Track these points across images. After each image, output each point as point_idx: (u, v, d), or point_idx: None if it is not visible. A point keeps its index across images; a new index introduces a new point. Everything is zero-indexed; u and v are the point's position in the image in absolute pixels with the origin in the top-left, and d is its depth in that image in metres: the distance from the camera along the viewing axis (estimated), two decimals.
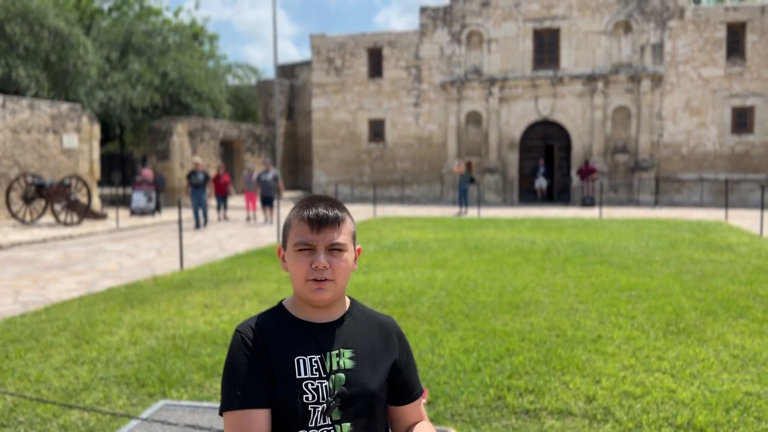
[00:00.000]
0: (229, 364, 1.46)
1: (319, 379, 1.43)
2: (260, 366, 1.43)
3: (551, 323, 6.07)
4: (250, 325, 1.49)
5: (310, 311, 1.50)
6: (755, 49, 22.90)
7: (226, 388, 1.45)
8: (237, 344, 1.46)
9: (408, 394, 1.58)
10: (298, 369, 1.43)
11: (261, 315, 1.53)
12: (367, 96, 26.73)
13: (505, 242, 12.15)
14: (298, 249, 1.45)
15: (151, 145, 23.47)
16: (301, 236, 1.45)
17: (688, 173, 23.81)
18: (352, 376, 1.46)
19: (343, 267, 1.46)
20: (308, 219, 1.45)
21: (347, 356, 1.47)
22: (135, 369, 4.86)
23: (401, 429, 1.59)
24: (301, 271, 1.44)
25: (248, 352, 1.44)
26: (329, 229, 1.45)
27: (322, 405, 1.42)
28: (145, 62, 25.68)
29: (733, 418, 3.92)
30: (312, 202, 1.49)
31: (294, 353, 1.44)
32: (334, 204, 1.50)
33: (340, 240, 1.46)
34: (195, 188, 15.85)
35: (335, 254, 1.46)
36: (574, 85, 24.36)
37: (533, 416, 3.98)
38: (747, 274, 8.63)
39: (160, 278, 8.74)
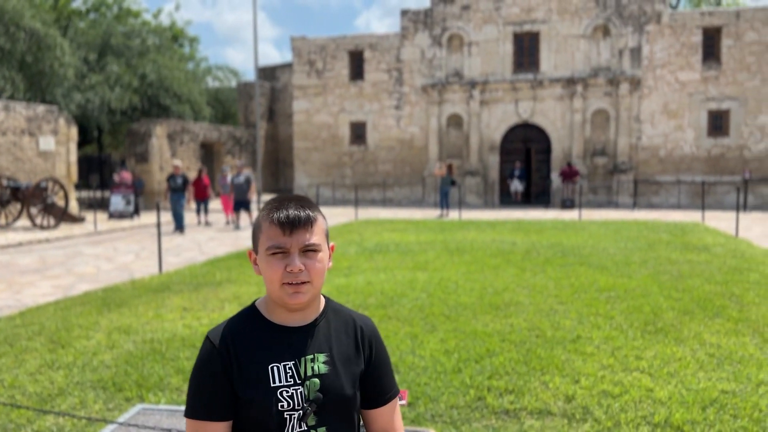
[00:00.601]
0: (196, 371, 1.44)
1: (294, 385, 1.41)
2: (225, 377, 1.41)
3: (531, 324, 6.10)
4: (222, 331, 1.46)
5: (284, 314, 1.47)
6: (730, 53, 23.28)
7: (189, 394, 1.45)
8: (206, 352, 1.44)
9: (381, 397, 1.54)
10: (272, 377, 1.41)
11: (233, 319, 1.50)
12: (348, 98, 26.72)
13: (486, 244, 12.20)
14: (271, 253, 1.42)
15: (130, 147, 23.23)
16: (273, 240, 1.41)
17: (665, 175, 24.12)
18: (327, 380, 1.44)
19: (319, 268, 1.43)
20: (279, 222, 1.41)
21: (321, 361, 1.45)
22: (112, 373, 4.80)
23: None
24: (275, 276, 1.41)
25: (215, 362, 1.42)
26: (302, 230, 1.41)
27: (297, 412, 1.41)
28: (123, 64, 25.42)
29: (710, 416, 3.97)
30: (281, 203, 1.45)
31: (268, 360, 1.42)
32: (304, 204, 1.46)
33: (313, 241, 1.43)
34: (173, 192, 15.53)
35: (310, 255, 1.43)
36: (554, 89, 24.57)
37: (513, 416, 3.99)
38: (723, 274, 8.76)
39: (139, 282, 8.64)
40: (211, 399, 1.40)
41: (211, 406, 1.40)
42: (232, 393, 1.41)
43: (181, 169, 16.04)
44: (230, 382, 1.41)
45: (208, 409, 1.40)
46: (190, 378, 1.45)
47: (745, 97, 23.25)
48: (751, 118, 23.29)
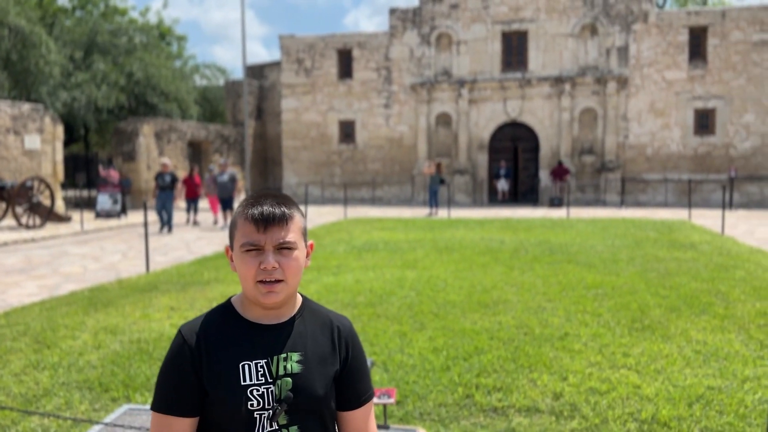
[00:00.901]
0: (165, 364, 1.42)
1: (265, 384, 1.39)
2: (192, 374, 1.39)
3: (519, 321, 6.11)
4: (194, 327, 1.44)
5: (258, 312, 1.45)
6: (716, 52, 23.46)
7: (157, 387, 1.42)
8: (176, 346, 1.42)
9: (357, 399, 1.51)
10: (243, 375, 1.38)
11: (207, 315, 1.47)
12: (337, 97, 26.67)
13: (474, 242, 12.22)
14: (245, 250, 1.39)
15: (117, 146, 23.06)
16: (247, 236, 1.39)
17: (652, 174, 24.27)
18: (300, 380, 1.41)
19: (294, 266, 1.40)
20: (254, 218, 1.39)
21: (295, 360, 1.42)
22: (98, 373, 4.76)
23: None
24: (249, 273, 1.39)
25: (184, 357, 1.40)
26: (277, 227, 1.39)
27: (267, 411, 1.38)
28: (110, 62, 25.22)
29: (696, 411, 4.00)
30: (258, 199, 1.43)
31: (239, 358, 1.40)
32: (281, 200, 1.44)
33: (288, 239, 1.40)
34: (162, 190, 15.28)
35: (285, 253, 1.40)
36: (542, 87, 24.65)
37: (501, 414, 4.00)
38: (709, 271, 8.83)
39: (126, 281, 8.58)
40: (177, 394, 1.38)
41: (177, 401, 1.38)
42: (199, 389, 1.39)
43: (169, 167, 15.78)
44: (198, 379, 1.39)
45: (174, 404, 1.38)
46: (159, 371, 1.43)
47: (730, 96, 23.45)
48: (736, 117, 23.49)
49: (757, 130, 23.39)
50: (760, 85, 23.18)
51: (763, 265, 9.39)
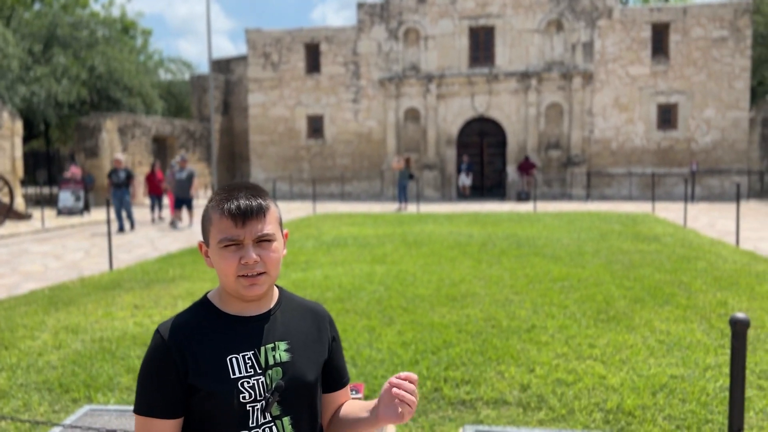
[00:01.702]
0: (145, 366, 1.38)
1: (255, 375, 1.37)
2: (174, 374, 1.35)
3: (487, 314, 6.14)
4: (173, 325, 1.39)
5: (239, 305, 1.42)
6: (678, 48, 23.93)
7: (138, 390, 1.39)
8: (155, 347, 1.38)
9: (340, 380, 1.55)
10: (231, 368, 1.36)
11: (184, 313, 1.43)
12: (305, 91, 26.48)
13: (443, 236, 12.26)
14: (224, 246, 1.36)
15: (79, 142, 22.53)
16: (224, 232, 1.36)
17: (617, 168, 24.68)
18: (289, 368, 1.40)
19: (274, 257, 1.39)
20: (230, 213, 1.36)
21: (282, 349, 1.41)
22: (58, 374, 4.63)
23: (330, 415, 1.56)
24: (230, 269, 1.36)
25: (165, 358, 1.36)
26: (254, 221, 1.37)
27: (260, 402, 1.36)
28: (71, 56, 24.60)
29: (660, 400, 4.06)
30: (231, 192, 1.39)
31: (226, 352, 1.37)
32: (255, 192, 1.40)
33: (267, 231, 1.38)
34: (117, 188, 14.35)
35: (264, 245, 1.38)
36: (509, 83, 24.84)
37: (469, 406, 4.01)
38: (672, 262, 9.00)
39: (88, 279, 8.39)
40: (159, 395, 1.35)
41: (160, 403, 1.35)
42: (182, 389, 1.35)
43: (123, 162, 14.88)
44: (180, 378, 1.35)
45: (157, 406, 1.35)
46: (139, 373, 1.39)
47: (692, 91, 23.95)
48: (697, 112, 24.01)
49: (718, 125, 23.94)
50: (720, 81, 23.72)
51: (723, 256, 9.62)
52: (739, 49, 23.52)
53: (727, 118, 23.86)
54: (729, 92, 23.73)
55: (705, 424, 3.73)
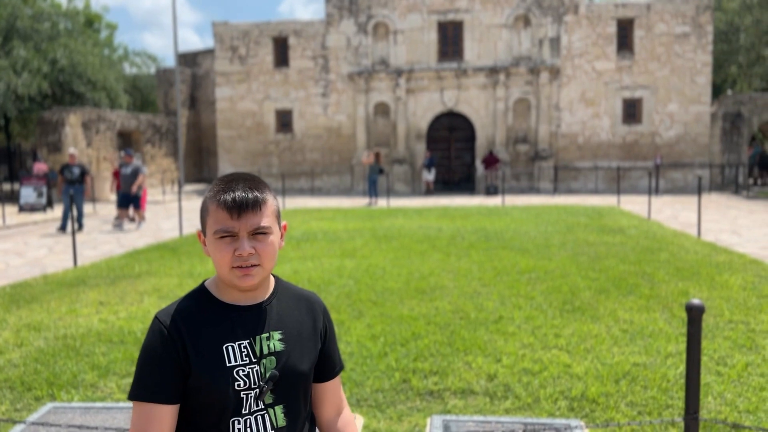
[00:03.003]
0: (144, 353, 1.40)
1: (250, 364, 1.39)
2: (174, 360, 1.37)
3: (455, 306, 6.20)
4: (171, 312, 1.41)
5: (235, 294, 1.44)
6: (642, 44, 24.36)
7: (136, 376, 1.40)
8: (154, 334, 1.39)
9: (331, 370, 1.57)
10: (227, 357, 1.38)
11: (182, 300, 1.45)
12: (273, 85, 26.27)
13: (413, 230, 12.31)
14: (219, 237, 1.38)
15: (41, 136, 22.01)
16: (220, 223, 1.37)
17: (583, 162, 25.05)
18: (283, 358, 1.43)
19: (269, 251, 1.40)
20: (227, 205, 1.37)
21: (277, 338, 1.44)
22: (20, 372, 4.54)
23: (324, 407, 1.58)
24: (224, 260, 1.38)
25: (163, 344, 1.37)
26: (251, 213, 1.38)
27: (254, 390, 1.39)
28: (31, 48, 23.98)
29: (622, 387, 4.16)
30: (229, 183, 1.40)
31: (222, 340, 1.39)
32: (253, 184, 1.41)
33: (263, 224, 1.39)
34: (69, 184, 13.23)
35: (260, 238, 1.39)
36: (478, 78, 25.00)
37: (437, 397, 4.05)
38: (636, 254, 9.19)
39: (51, 276, 8.22)
40: (158, 381, 1.36)
41: (159, 389, 1.36)
42: (181, 375, 1.37)
43: (77, 157, 13.98)
44: (179, 365, 1.37)
45: (155, 392, 1.36)
46: (138, 359, 1.41)
47: (656, 86, 24.41)
48: (661, 106, 24.49)
49: (681, 119, 24.46)
50: (683, 76, 24.23)
51: (685, 247, 9.85)
52: (701, 44, 24.05)
53: (689, 112, 24.39)
54: (691, 87, 24.25)
55: (666, 409, 3.83)
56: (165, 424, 1.37)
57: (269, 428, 1.41)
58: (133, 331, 5.47)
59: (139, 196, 14.18)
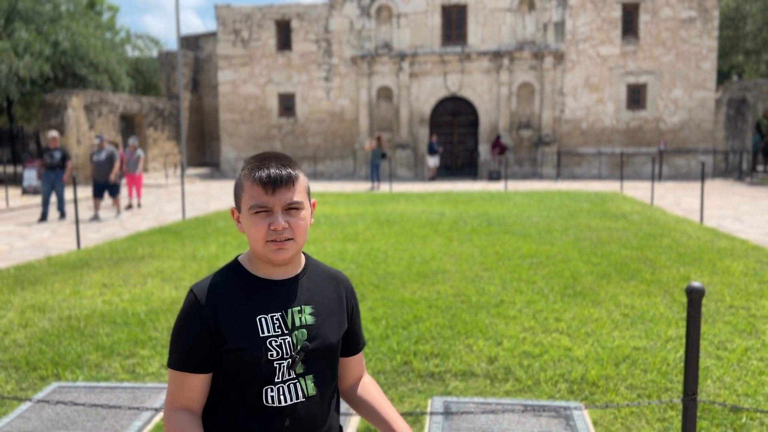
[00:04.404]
0: (178, 323, 1.48)
1: (282, 335, 1.46)
2: (205, 332, 1.44)
3: (457, 290, 6.22)
4: (205, 286, 1.48)
5: (268, 268, 1.50)
6: (647, 28, 24.15)
7: (171, 345, 1.48)
8: (188, 305, 1.46)
9: (356, 346, 1.65)
10: (261, 328, 1.45)
11: (217, 274, 1.52)
12: (276, 69, 26.15)
13: (415, 215, 12.32)
14: (255, 212, 1.44)
15: (44, 119, 21.99)
16: (255, 199, 1.44)
17: (587, 147, 24.96)
18: (314, 330, 1.49)
19: (302, 225, 1.46)
20: (261, 181, 1.43)
21: (308, 312, 1.50)
22: (25, 352, 4.58)
23: (347, 378, 1.66)
24: (259, 234, 1.44)
25: (196, 317, 1.44)
26: (284, 189, 1.44)
27: (286, 360, 1.45)
28: (33, 30, 23.88)
29: (622, 371, 4.18)
30: (263, 161, 1.47)
31: (255, 312, 1.46)
32: (286, 162, 1.48)
33: (296, 199, 1.45)
34: (50, 170, 12.43)
35: (293, 213, 1.46)
36: (481, 62, 24.84)
37: (438, 378, 4.08)
38: (638, 239, 9.19)
39: (55, 258, 8.26)
40: (190, 352, 1.44)
41: (191, 359, 1.44)
42: (213, 346, 1.44)
43: (58, 141, 13.15)
44: (212, 336, 1.44)
45: (188, 362, 1.44)
46: (173, 330, 1.48)
47: (660, 71, 24.24)
48: (665, 92, 24.34)
49: (685, 105, 24.32)
50: (688, 62, 24.05)
51: (687, 233, 9.85)
52: (706, 30, 23.84)
53: (694, 98, 24.24)
54: (696, 73, 24.09)
55: (665, 392, 3.86)
56: (195, 392, 1.45)
57: (300, 396, 1.47)
58: (136, 313, 5.51)
59: (117, 185, 13.28)
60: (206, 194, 18.53)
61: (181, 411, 1.46)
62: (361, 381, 1.68)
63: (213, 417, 1.48)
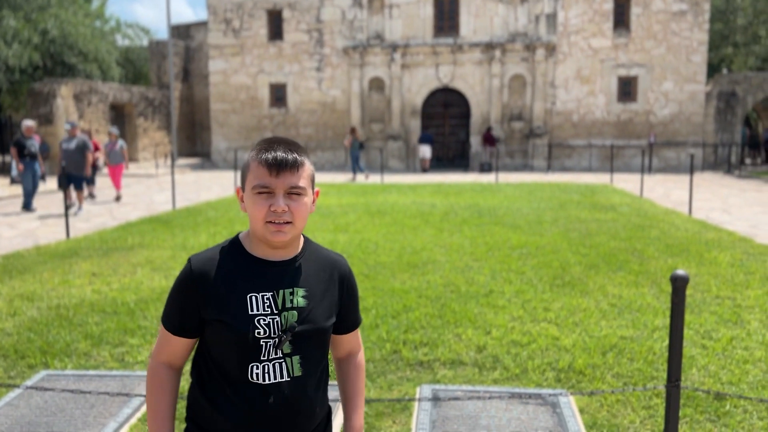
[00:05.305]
0: (174, 288, 1.55)
1: (271, 315, 1.48)
2: (193, 301, 1.50)
3: (447, 280, 6.25)
4: (202, 258, 1.53)
5: (265, 249, 1.53)
6: (639, 21, 24.20)
7: (166, 305, 1.57)
8: (184, 274, 1.52)
9: (352, 325, 1.68)
10: (250, 305, 1.48)
11: (216, 248, 1.57)
12: (267, 59, 26.03)
13: (406, 206, 12.34)
14: (257, 192, 1.48)
15: (33, 108, 21.79)
16: (259, 179, 1.47)
17: (578, 139, 25.03)
18: (305, 313, 1.52)
19: (302, 210, 1.50)
20: (267, 162, 1.47)
21: (300, 295, 1.53)
22: (13, 341, 4.57)
23: (339, 351, 1.71)
24: (260, 214, 1.47)
25: (187, 286, 1.50)
26: (288, 173, 1.47)
27: (273, 339, 1.48)
28: (21, 18, 23.64)
29: (609, 360, 4.23)
30: (271, 144, 1.51)
31: (246, 290, 1.49)
32: (293, 147, 1.51)
33: (299, 184, 1.49)
34: (32, 159, 12.25)
35: (294, 198, 1.49)
36: (473, 54, 24.82)
37: (427, 367, 4.11)
38: (627, 231, 9.25)
39: (44, 248, 8.22)
40: (178, 316, 1.52)
41: (178, 323, 1.52)
42: (197, 316, 1.51)
43: (34, 129, 12.64)
44: (200, 308, 1.50)
45: (175, 325, 1.52)
46: (170, 291, 1.56)
47: (651, 64, 24.31)
48: (656, 85, 24.42)
49: (675, 98, 24.42)
50: (679, 54, 24.13)
51: (676, 224, 9.92)
52: (697, 23, 23.92)
53: (684, 91, 24.35)
54: (687, 66, 24.18)
55: (651, 380, 3.90)
56: (178, 351, 1.55)
57: (285, 376, 1.50)
58: (126, 302, 5.50)
59: (87, 177, 12.53)
60: (197, 184, 18.47)
61: (164, 366, 1.55)
62: (354, 360, 1.72)
63: (203, 388, 1.53)
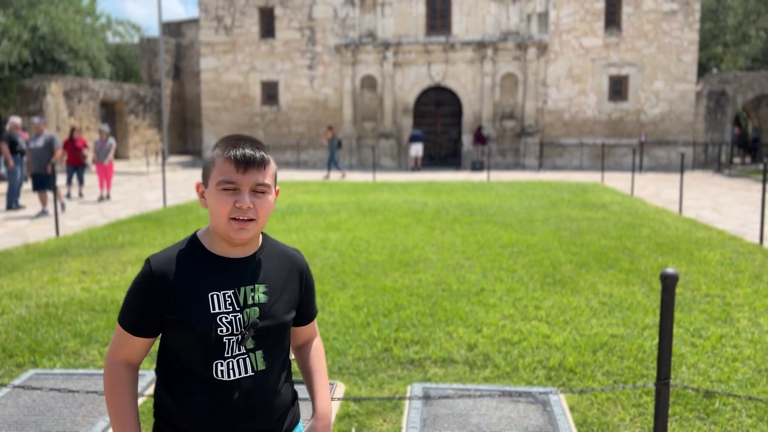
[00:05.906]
0: (132, 289, 1.53)
1: (233, 312, 1.49)
2: (153, 302, 1.49)
3: (438, 279, 6.25)
4: (162, 258, 1.52)
5: (225, 246, 1.54)
6: (630, 20, 24.29)
7: (122, 306, 1.55)
8: (143, 275, 1.51)
9: (309, 316, 1.71)
10: (212, 304, 1.48)
11: (175, 247, 1.55)
12: (259, 57, 25.94)
13: (397, 204, 12.33)
14: (222, 188, 1.48)
15: (22, 105, 21.62)
16: (225, 175, 1.47)
17: (569, 138, 25.11)
18: (266, 309, 1.53)
19: (266, 207, 1.51)
20: (235, 159, 1.47)
21: (261, 291, 1.54)
22: (1, 339, 4.54)
23: (297, 340, 1.74)
24: (224, 210, 1.47)
25: (147, 286, 1.49)
26: (255, 170, 1.48)
27: (236, 336, 1.49)
28: (11, 15, 23.45)
29: (599, 357, 4.24)
30: (237, 142, 1.51)
31: (208, 289, 1.49)
32: (259, 145, 1.53)
33: (265, 181, 1.50)
34: (21, 155, 12.07)
35: (259, 195, 1.50)
36: (465, 52, 24.84)
37: (418, 365, 4.11)
38: (618, 229, 9.29)
39: (33, 246, 8.16)
40: (137, 317, 1.50)
41: (137, 324, 1.51)
42: (158, 316, 1.50)
43: (20, 126, 12.37)
44: (160, 308, 1.49)
45: (133, 325, 1.51)
46: (127, 292, 1.54)
47: (642, 63, 24.41)
48: (647, 84, 24.53)
49: (666, 97, 24.54)
50: (669, 54, 24.24)
51: (666, 223, 9.97)
52: (688, 22, 24.03)
53: (675, 90, 24.46)
54: (677, 65, 24.29)
55: (641, 378, 3.92)
56: (135, 350, 1.53)
57: (249, 371, 1.51)
58: (116, 300, 5.47)
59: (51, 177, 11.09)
60: (188, 182, 18.38)
61: (122, 365, 1.53)
62: (311, 345, 1.74)
63: (167, 386, 1.53)
